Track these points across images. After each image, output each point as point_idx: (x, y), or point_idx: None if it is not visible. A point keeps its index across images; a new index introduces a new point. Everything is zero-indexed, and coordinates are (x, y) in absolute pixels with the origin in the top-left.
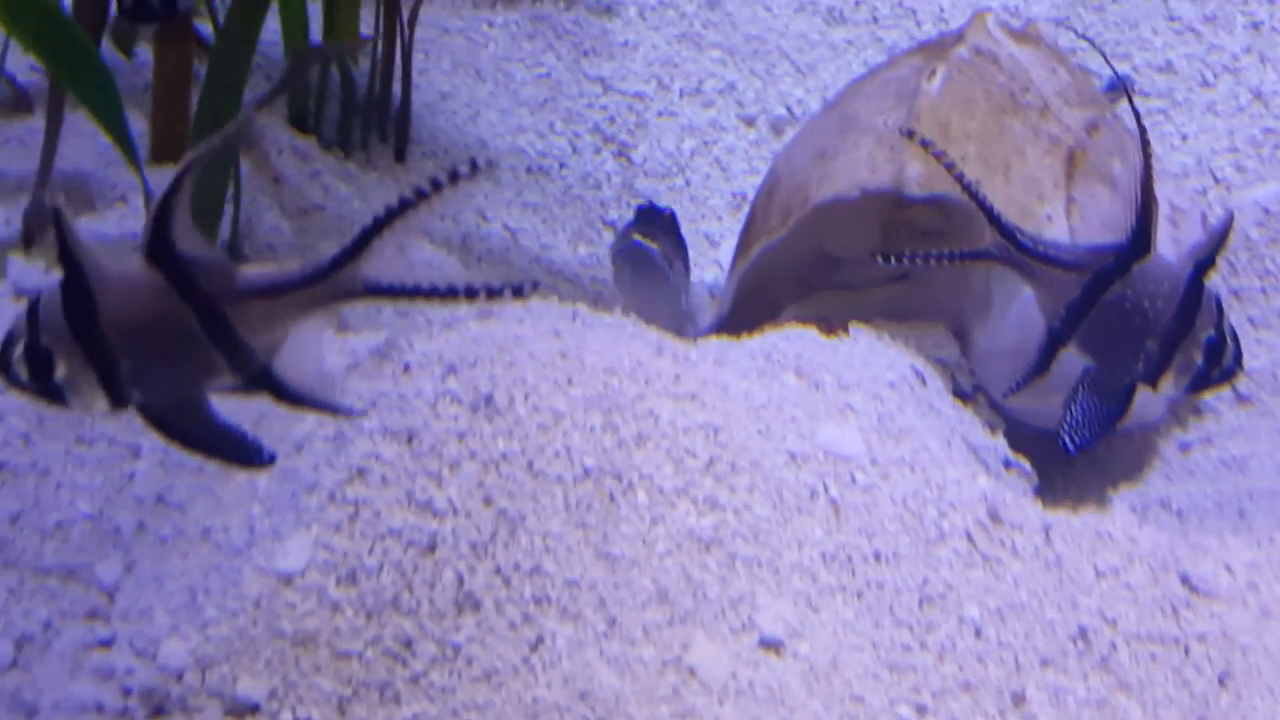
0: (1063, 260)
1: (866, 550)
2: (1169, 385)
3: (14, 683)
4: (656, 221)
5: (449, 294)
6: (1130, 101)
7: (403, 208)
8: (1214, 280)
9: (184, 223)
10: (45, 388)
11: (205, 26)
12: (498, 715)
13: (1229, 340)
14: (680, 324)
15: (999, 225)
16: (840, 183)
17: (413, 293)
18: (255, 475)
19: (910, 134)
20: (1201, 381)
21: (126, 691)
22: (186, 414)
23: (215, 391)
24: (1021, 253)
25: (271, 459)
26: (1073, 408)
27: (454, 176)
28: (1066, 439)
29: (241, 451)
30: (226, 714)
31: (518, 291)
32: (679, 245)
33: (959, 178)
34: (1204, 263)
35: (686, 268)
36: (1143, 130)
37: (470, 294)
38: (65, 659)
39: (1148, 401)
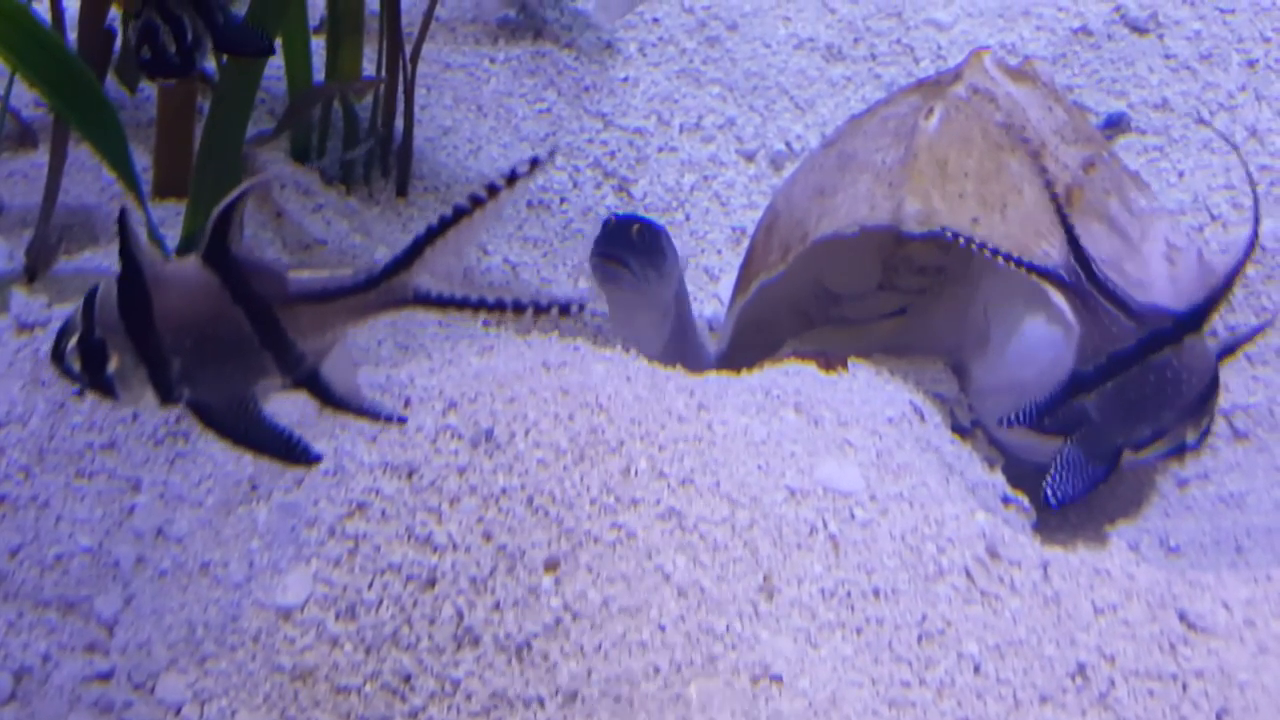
0: (1130, 305)
1: (866, 586)
2: (1151, 453)
3: (12, 716)
4: (620, 240)
5: (496, 307)
6: (1254, 197)
7: (457, 216)
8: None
9: (241, 230)
10: (96, 381)
11: (208, 62)
12: None
13: (1214, 422)
14: (666, 336)
15: (1078, 251)
16: (839, 219)
17: (461, 304)
18: (255, 510)
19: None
20: (1177, 453)
21: None
22: (235, 412)
23: (263, 393)
24: (1093, 283)
25: (318, 458)
26: (1060, 461)
27: (512, 178)
28: (1050, 493)
29: (288, 450)
30: None
31: (564, 309)
32: (655, 250)
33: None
34: (1228, 349)
35: (672, 267)
36: (1256, 213)
37: (518, 308)
38: (64, 692)
39: None
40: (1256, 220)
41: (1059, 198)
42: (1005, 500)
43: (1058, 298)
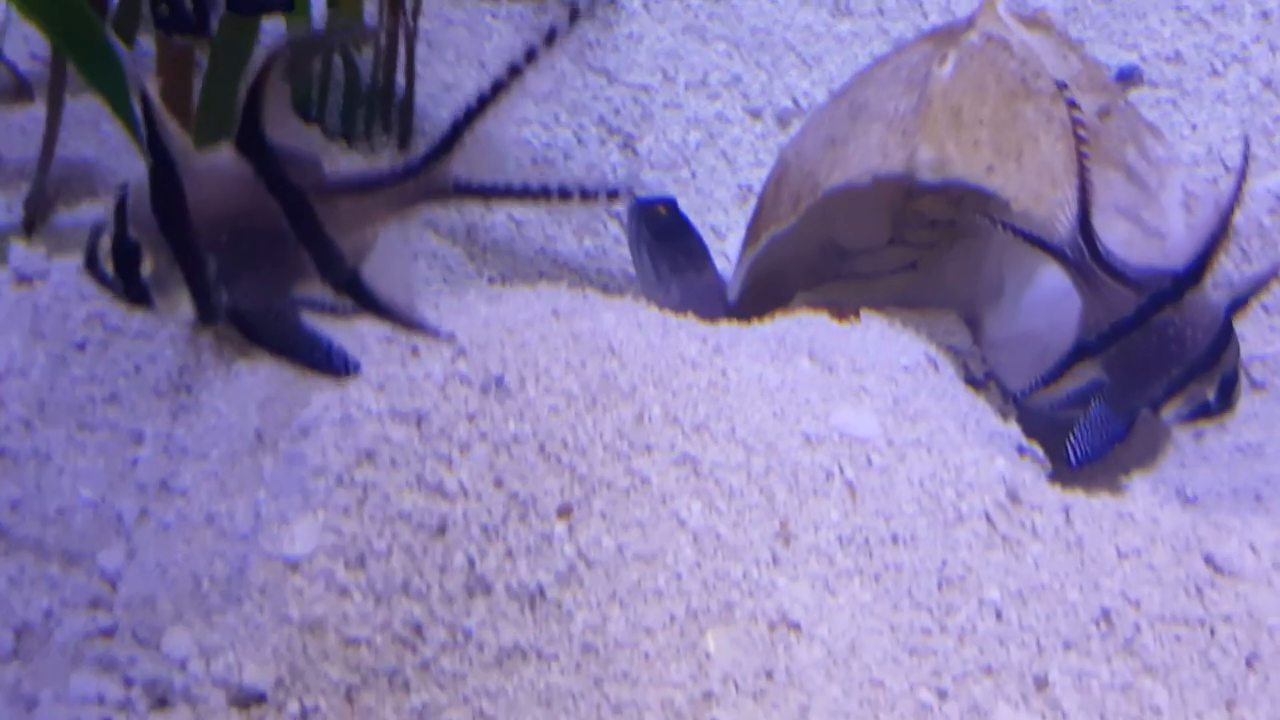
0: (1128, 276)
1: (884, 532)
2: (1171, 413)
3: (14, 674)
4: (660, 223)
5: (540, 194)
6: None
7: (495, 91)
8: (1227, 266)
9: (280, 110)
10: (131, 286)
11: None
12: (510, 703)
13: (1239, 379)
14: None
15: (1087, 228)
16: (851, 169)
17: (504, 192)
18: (261, 460)
19: None
20: (1201, 413)
21: (129, 682)
22: (276, 320)
23: (304, 304)
24: (1095, 259)
25: (357, 368)
26: (1084, 421)
27: (550, 36)
28: (1071, 452)
29: (328, 360)
30: (232, 704)
31: (612, 194)
32: (687, 233)
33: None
34: (1240, 300)
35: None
36: (1243, 162)
37: (564, 194)
38: (66, 649)
39: None
40: (1243, 173)
41: (1087, 157)
42: (1020, 451)
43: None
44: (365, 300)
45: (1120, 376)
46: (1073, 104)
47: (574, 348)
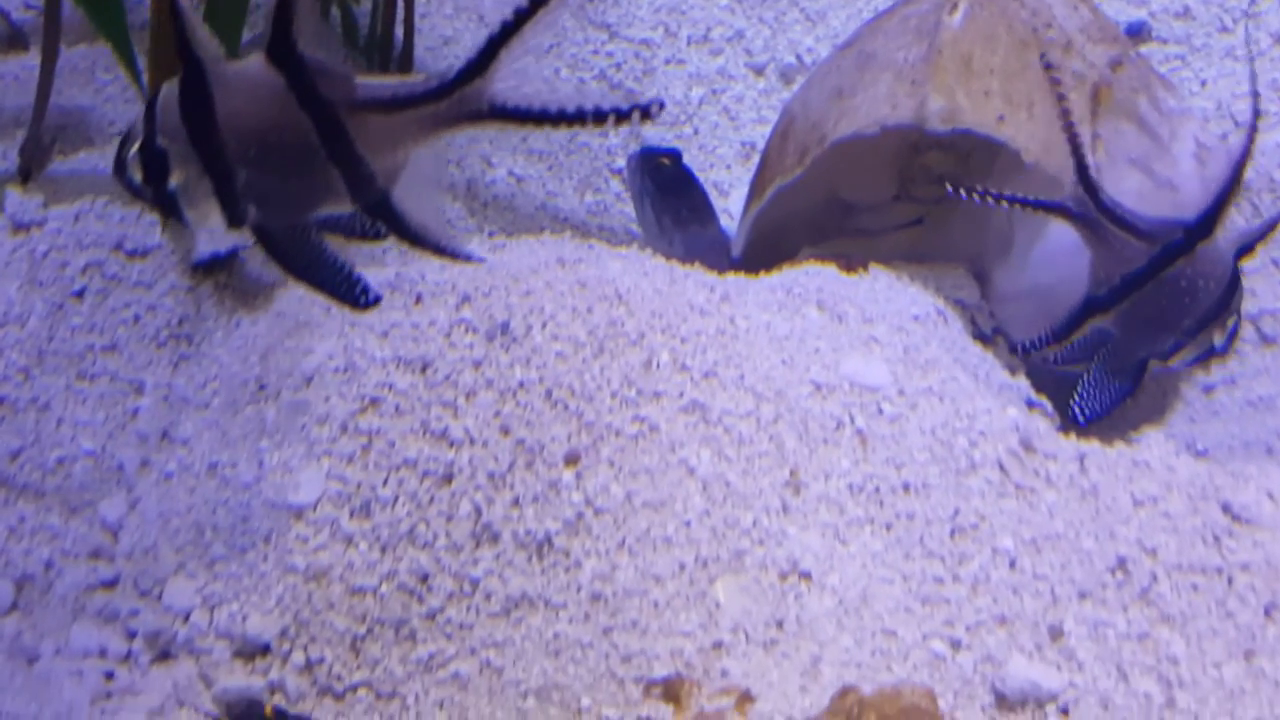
0: (1138, 228)
1: (895, 481)
2: (1179, 360)
3: (13, 627)
4: (664, 176)
5: (576, 118)
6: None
7: (534, 7)
8: (1237, 221)
9: (310, 22)
10: (159, 194)
11: None
12: (518, 652)
13: (1241, 322)
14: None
15: (1086, 180)
16: (859, 119)
17: (540, 117)
18: (263, 409)
19: None
20: (1208, 357)
21: (131, 634)
22: (301, 241)
23: (333, 227)
24: (1102, 212)
25: (377, 300)
26: (1086, 379)
27: None
28: (1078, 410)
29: (349, 288)
30: (236, 655)
31: (645, 112)
32: (691, 187)
33: (1069, 126)
34: (1246, 248)
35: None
36: (1254, 116)
37: (599, 117)
38: (67, 600)
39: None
40: (1254, 127)
41: (1069, 114)
42: (1029, 404)
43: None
44: (395, 223)
45: (1131, 328)
46: (1049, 66)
47: (580, 294)
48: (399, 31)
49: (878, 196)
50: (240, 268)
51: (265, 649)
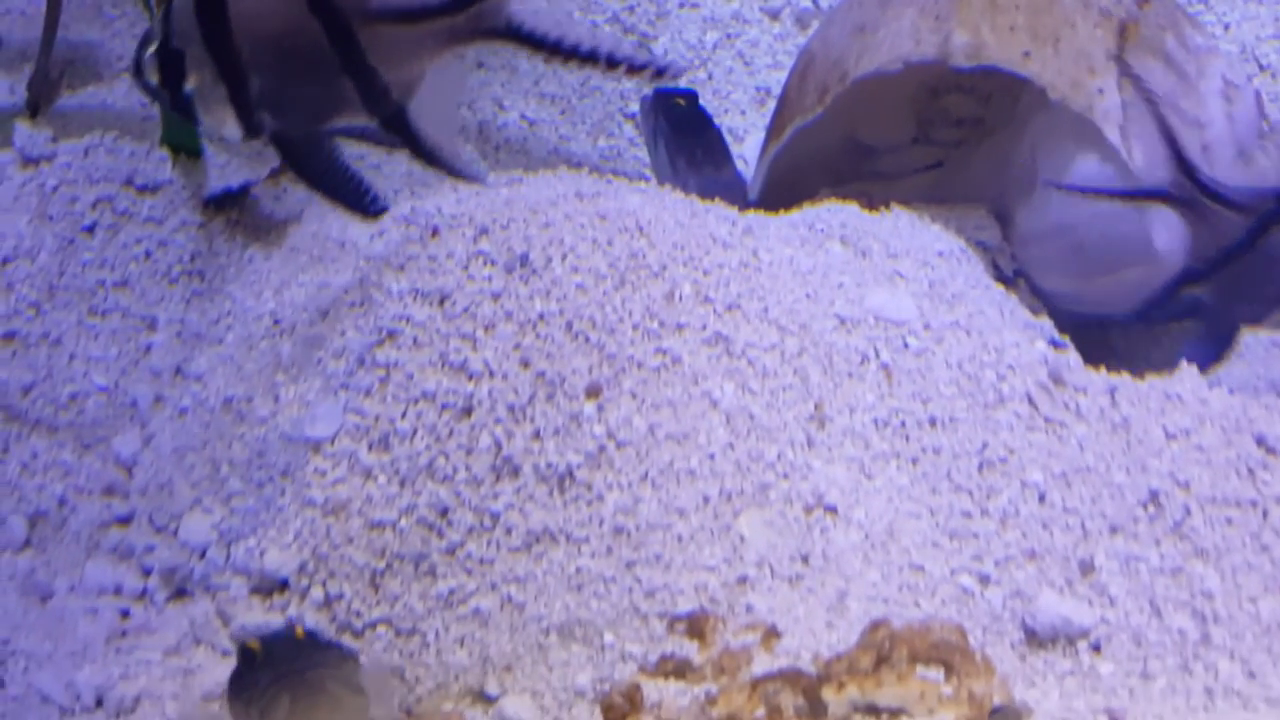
0: (1235, 200)
1: (921, 415)
2: (1272, 322)
3: (28, 563)
4: (679, 116)
5: (589, 57)
6: None
7: None
8: None
9: None
10: (176, 97)
11: None
12: (539, 587)
13: None
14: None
15: (1184, 163)
16: (882, 56)
17: (554, 47)
18: (278, 344)
19: None
20: None
21: (146, 571)
22: (315, 149)
23: (350, 135)
24: (1200, 191)
25: (385, 209)
26: (1184, 341)
27: None
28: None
29: (358, 197)
30: (253, 591)
31: (661, 72)
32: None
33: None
34: None
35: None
36: None
37: (611, 63)
38: (81, 537)
39: None
40: None
41: (1154, 96)
42: (1054, 344)
43: (1114, 135)
44: (408, 138)
45: (1225, 295)
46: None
47: (600, 226)
48: None
49: (898, 139)
50: (253, 204)
51: (283, 585)
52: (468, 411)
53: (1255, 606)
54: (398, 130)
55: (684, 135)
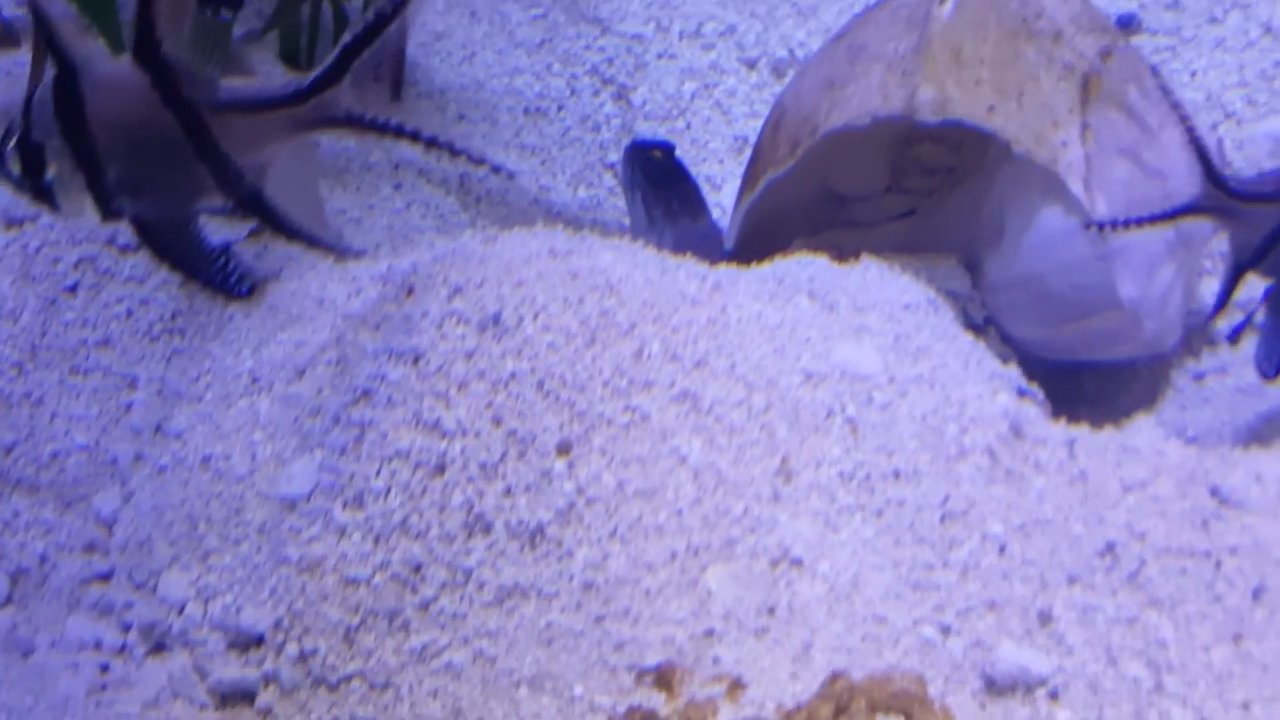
0: (1266, 193)
1: (886, 468)
2: None
3: (9, 619)
4: (655, 168)
5: (429, 142)
6: None
7: (375, 25)
8: None
9: (177, 27)
10: (37, 185)
11: None
12: (511, 642)
13: None
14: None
15: (1214, 176)
16: (850, 110)
17: (396, 131)
18: (256, 402)
19: None
20: None
21: (125, 627)
22: (176, 232)
23: (212, 214)
24: (1231, 197)
25: (250, 291)
26: (1265, 334)
27: None
28: (1268, 364)
29: (223, 279)
30: (230, 647)
31: (496, 169)
32: (683, 179)
33: (1184, 117)
34: None
35: (700, 199)
36: None
37: (452, 152)
38: (62, 594)
39: (1164, 331)
40: None
41: (1189, 120)
42: (1021, 393)
43: (1076, 187)
44: (266, 216)
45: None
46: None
47: (572, 285)
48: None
49: (870, 188)
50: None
51: (259, 640)
52: (441, 469)
53: (1208, 655)
54: (255, 210)
55: (660, 187)
